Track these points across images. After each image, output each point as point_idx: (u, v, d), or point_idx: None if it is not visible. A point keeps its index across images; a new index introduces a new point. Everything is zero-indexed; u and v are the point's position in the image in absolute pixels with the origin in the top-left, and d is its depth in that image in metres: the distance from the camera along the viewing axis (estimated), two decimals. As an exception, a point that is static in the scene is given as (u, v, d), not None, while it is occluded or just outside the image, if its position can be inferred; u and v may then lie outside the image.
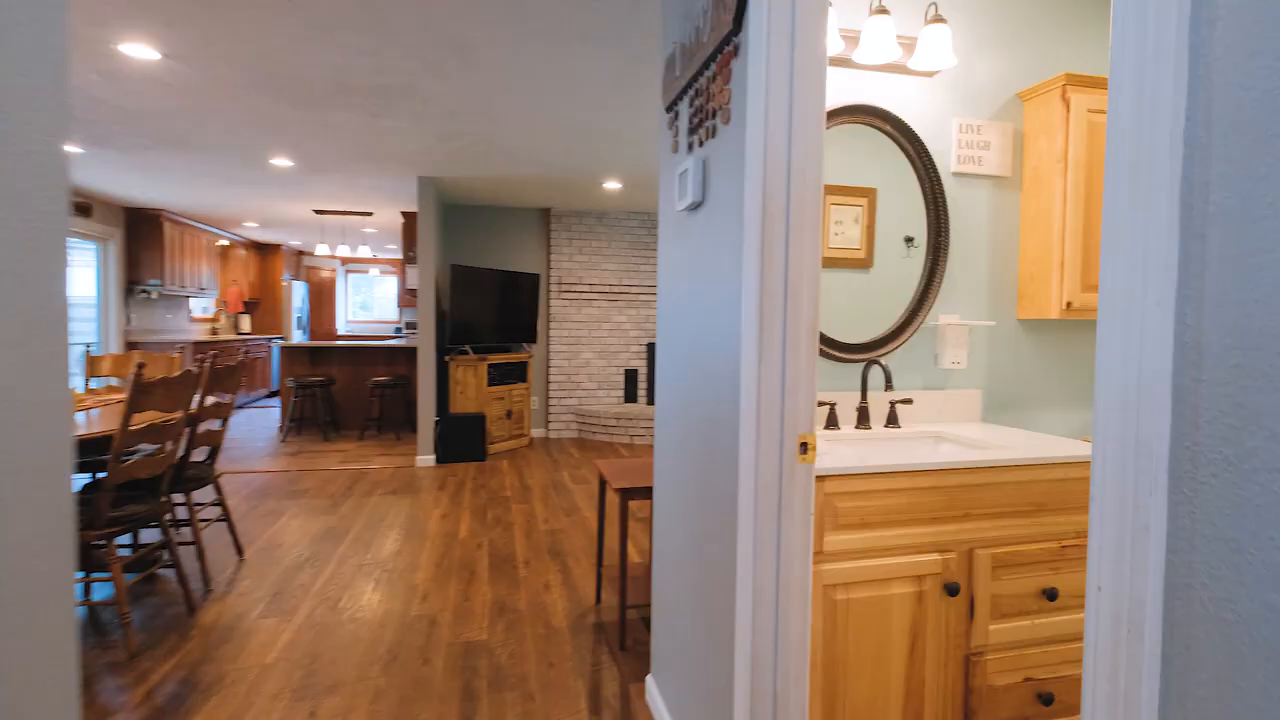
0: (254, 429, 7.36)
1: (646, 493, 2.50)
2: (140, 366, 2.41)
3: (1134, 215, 0.58)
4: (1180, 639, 0.54)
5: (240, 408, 8.90)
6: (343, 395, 7.35)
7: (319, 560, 3.45)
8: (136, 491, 2.83)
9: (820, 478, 1.54)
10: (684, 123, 1.88)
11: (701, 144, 1.72)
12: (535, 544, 3.75)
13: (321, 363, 7.31)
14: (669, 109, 2.02)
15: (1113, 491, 0.59)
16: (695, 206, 1.77)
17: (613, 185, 5.79)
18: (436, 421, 5.75)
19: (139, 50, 3.10)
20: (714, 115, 1.62)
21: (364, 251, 7.79)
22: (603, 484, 2.87)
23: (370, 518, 4.19)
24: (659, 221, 2.13)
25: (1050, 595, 1.69)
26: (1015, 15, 2.21)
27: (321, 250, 7.61)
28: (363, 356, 7.35)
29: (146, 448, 3.02)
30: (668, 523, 2.01)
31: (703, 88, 1.71)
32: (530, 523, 4.14)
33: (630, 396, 7.13)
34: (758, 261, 1.36)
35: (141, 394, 2.45)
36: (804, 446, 1.40)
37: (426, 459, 5.68)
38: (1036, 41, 2.24)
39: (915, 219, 2.15)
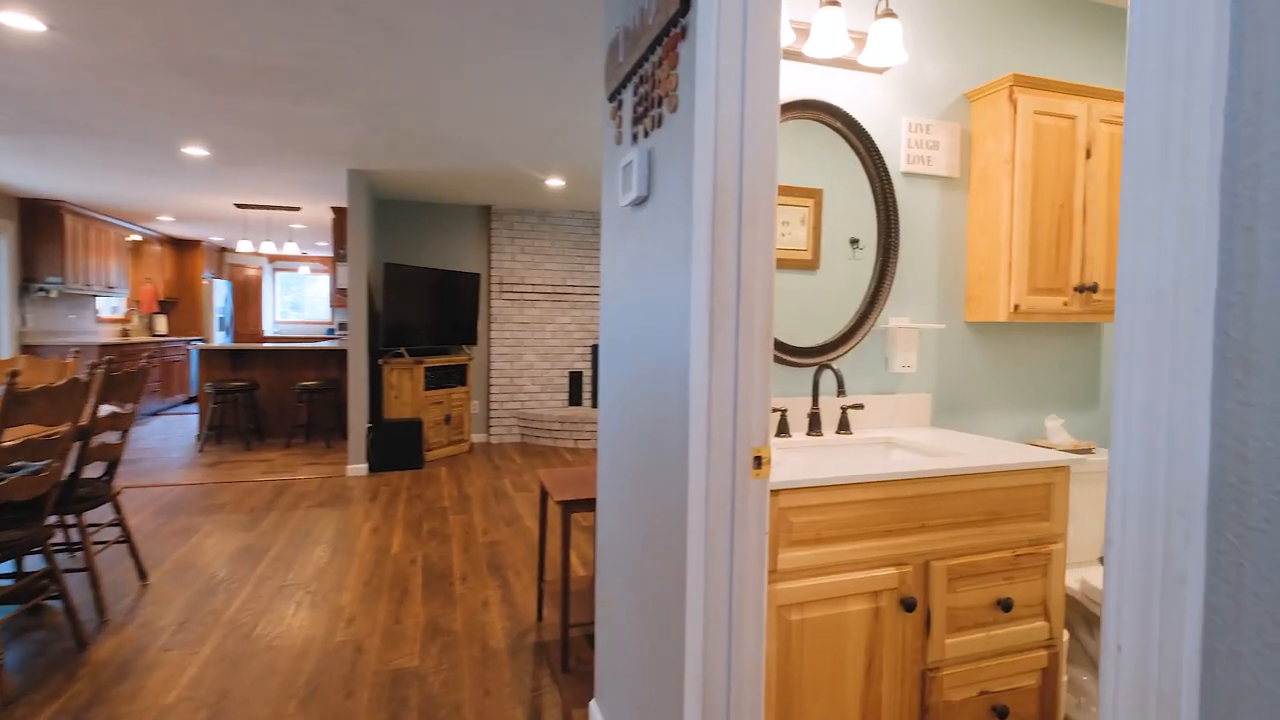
0: (169, 438, 6.86)
1: (591, 505, 2.37)
2: (13, 375, 2.12)
3: (1162, 206, 0.48)
4: (1223, 716, 0.45)
5: (154, 415, 8.30)
6: (268, 401, 6.93)
7: (233, 583, 3.17)
8: (17, 515, 2.51)
9: (774, 491, 1.45)
10: (628, 112, 1.76)
11: (647, 134, 1.61)
12: (473, 557, 3.56)
13: (244, 366, 6.87)
14: (612, 98, 1.89)
15: (1137, 534, 0.50)
16: (640, 202, 1.65)
17: (556, 182, 5.63)
18: (369, 428, 5.45)
19: (20, 20, 2.77)
20: (660, 103, 1.51)
21: (291, 249, 7.37)
22: (544, 495, 2.72)
23: (294, 533, 3.91)
24: (602, 218, 2.00)
25: (1005, 606, 1.65)
26: (963, 14, 2.19)
27: (244, 247, 7.15)
28: (289, 359, 6.95)
29: (30, 465, 2.70)
30: (611, 540, 1.88)
31: (648, 74, 1.59)
32: (469, 534, 3.94)
33: (575, 399, 6.98)
34: (708, 260, 1.25)
35: (16, 405, 2.16)
36: (758, 460, 1.29)
37: (358, 468, 5.38)
38: (984, 42, 2.22)
39: (863, 219, 2.09)
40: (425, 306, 6.03)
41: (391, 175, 5.52)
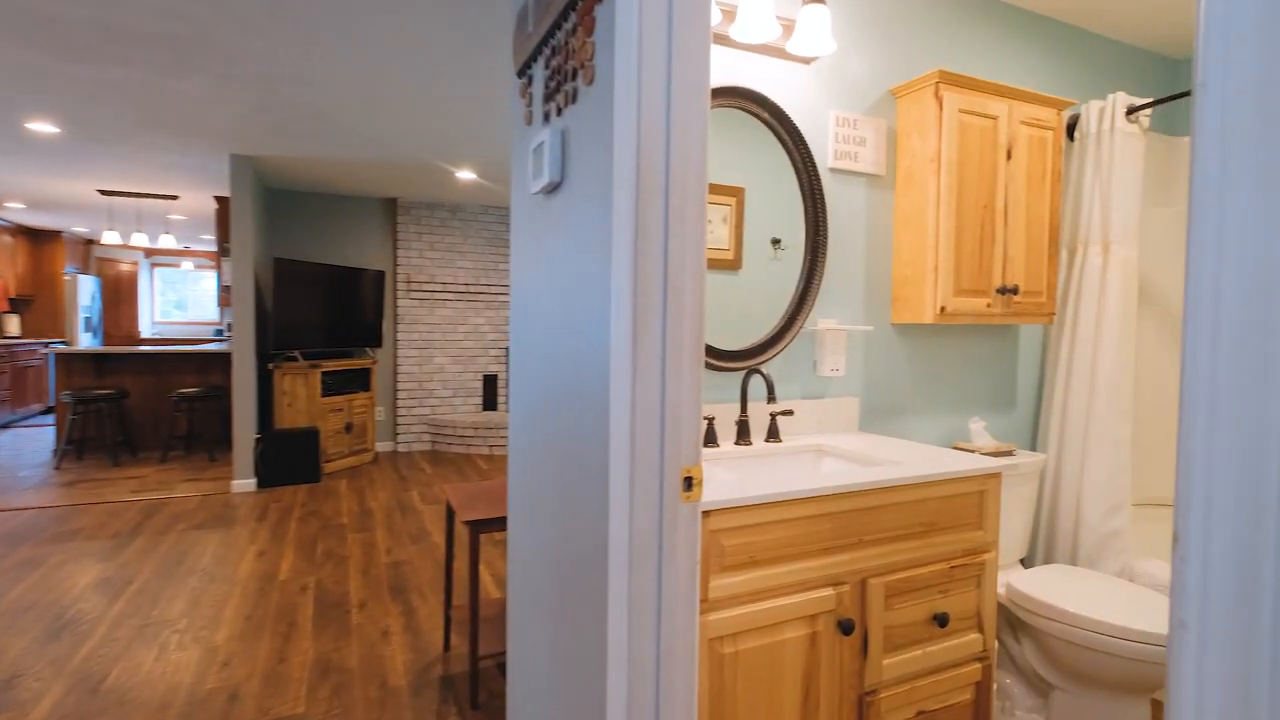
0: (20, 454, 6.03)
1: (503, 524, 2.16)
2: None
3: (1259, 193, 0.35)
4: None
5: (3, 427, 7.31)
6: (140, 410, 6.22)
7: (83, 624, 2.73)
8: None
9: (704, 513, 1.30)
10: (538, 89, 1.57)
11: (560, 112, 1.42)
12: (374, 581, 3.24)
13: (111, 372, 6.13)
14: (521, 73, 1.70)
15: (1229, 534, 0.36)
16: (553, 188, 1.46)
17: (467, 175, 5.32)
18: (258, 439, 4.96)
19: None
20: (574, 75, 1.33)
21: (167, 241, 6.66)
22: (450, 514, 2.48)
23: (164, 561, 3.45)
24: (511, 208, 1.80)
25: (941, 621, 1.58)
26: (889, 8, 2.13)
27: (112, 239, 6.40)
28: (166, 364, 6.27)
29: None
30: (523, 571, 1.69)
31: (561, 43, 1.41)
32: (369, 555, 3.61)
33: (490, 404, 6.66)
34: (630, 254, 1.08)
35: None
36: (689, 482, 1.14)
37: (245, 483, 4.89)
38: (910, 37, 2.17)
39: (788, 218, 1.99)
40: (322, 306, 5.56)
41: (282, 162, 5.05)
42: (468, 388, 6.56)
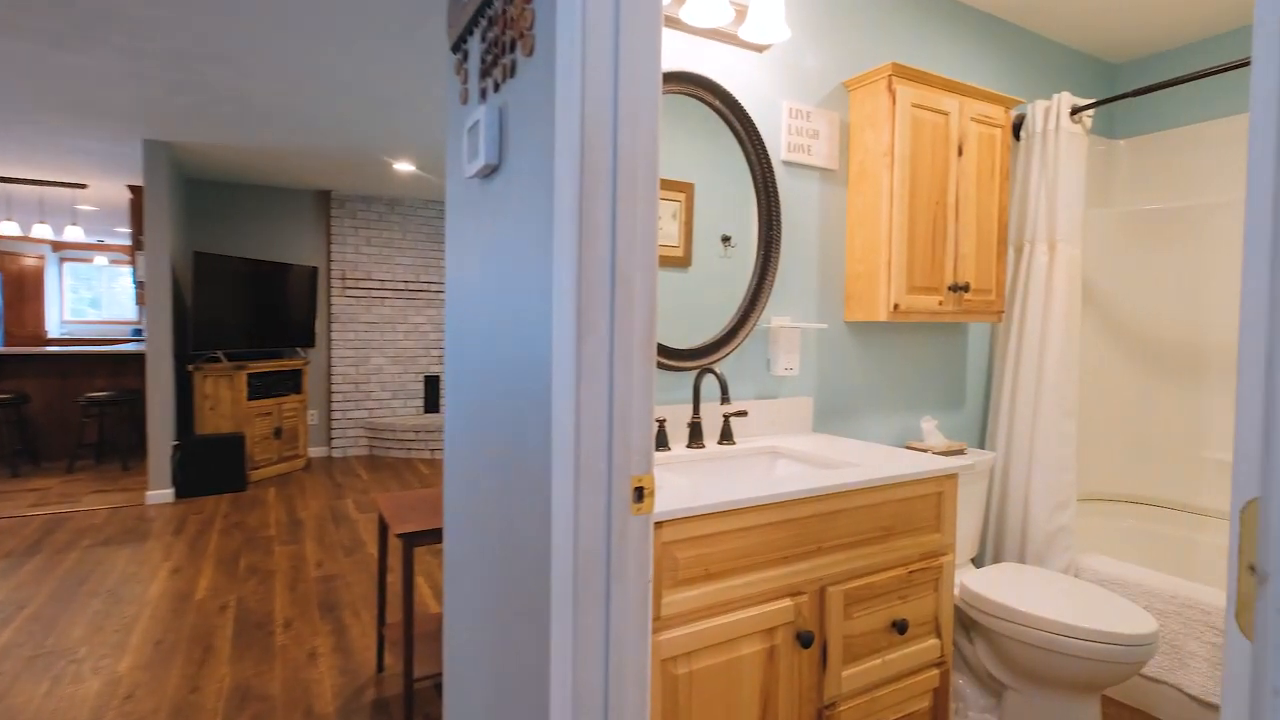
0: (-101, 466, 5.46)
1: (441, 535, 2.01)
2: None
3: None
4: None
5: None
6: (44, 416, 5.72)
7: (-38, 659, 2.44)
8: None
9: (656, 524, 1.20)
10: (474, 64, 1.44)
11: (497, 88, 1.30)
12: (302, 597, 3.03)
13: (10, 374, 5.62)
14: (456, 48, 1.56)
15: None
16: (490, 171, 1.34)
17: (405, 167, 5.09)
18: (176, 445, 4.62)
19: None
20: (512, 47, 1.21)
21: (74, 234, 6.16)
22: (383, 526, 2.31)
23: (63, 582, 3.14)
24: (446, 195, 1.67)
25: (900, 628, 1.52)
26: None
27: (9, 230, 5.87)
28: (74, 366, 5.79)
29: None
30: (460, 589, 1.55)
31: (498, 12, 1.28)
32: (298, 569, 3.38)
33: (431, 406, 6.42)
34: (574, 242, 0.97)
35: None
36: (640, 492, 1.04)
37: (162, 493, 4.54)
38: (863, 30, 2.13)
39: (740, 213, 1.92)
40: (248, 303, 5.23)
41: (203, 150, 4.71)
42: (408, 389, 6.30)
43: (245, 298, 5.20)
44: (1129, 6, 2.40)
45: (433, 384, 6.43)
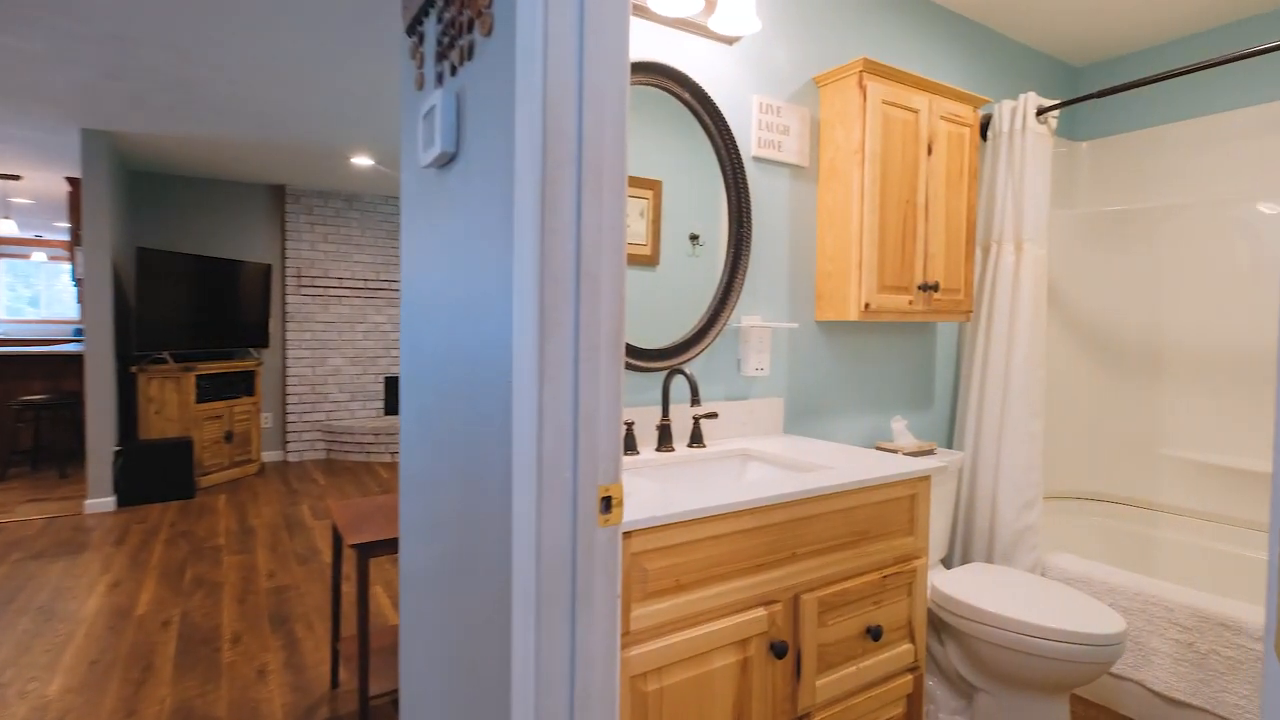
0: None
1: (396, 546, 1.91)
2: None
3: None
4: None
5: None
6: (-26, 421, 5.39)
7: None
8: None
9: (625, 534, 1.14)
10: (431, 45, 1.36)
11: (454, 71, 1.22)
12: (252, 610, 2.88)
13: (-65, 377, 5.28)
14: (411, 30, 1.47)
15: None
16: (447, 161, 1.26)
17: (364, 161, 4.93)
18: (118, 451, 4.38)
19: None
20: (470, 27, 1.14)
21: (8, 228, 5.82)
22: (337, 536, 2.20)
23: (-11, 601, 2.94)
24: (401, 186, 1.58)
25: (875, 634, 1.49)
26: (810, -9, 2.05)
27: (-66, 222, 5.51)
28: (6, 368, 5.47)
29: None
30: (418, 603, 1.47)
31: (455, -10, 1.20)
32: (248, 580, 3.22)
33: (391, 408, 6.24)
34: (536, 235, 0.90)
35: None
36: (607, 502, 0.97)
37: (102, 502, 4.30)
38: (832, 25, 2.10)
39: (708, 210, 1.87)
40: (196, 302, 5.00)
41: (147, 140, 4.49)
42: (367, 391, 6.12)
43: (193, 296, 4.98)
44: (1090, 9, 2.43)
45: (393, 386, 6.25)
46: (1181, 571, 2.48)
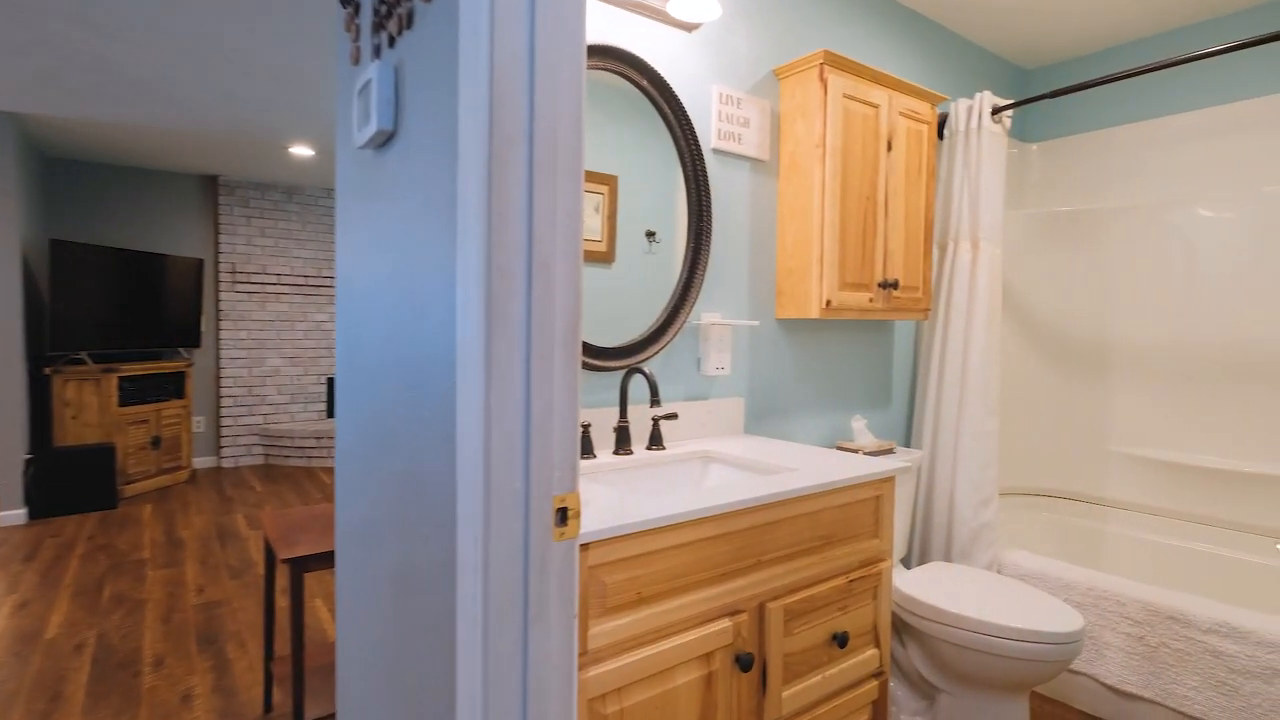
0: None
1: (334, 559, 1.78)
2: None
3: None
4: None
5: None
6: None
7: None
8: None
9: (582, 546, 1.05)
10: (367, 15, 1.24)
11: (392, 42, 1.11)
12: (178, 629, 2.68)
13: None
14: (346, 1, 1.35)
15: None
16: (385, 140, 1.15)
17: (304, 151, 4.69)
18: (29, 460, 4.05)
19: None
20: (411, -8, 1.03)
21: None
22: (269, 549, 2.04)
23: (-127, 628, 2.65)
24: (336, 170, 1.45)
25: (841, 641, 1.44)
26: (770, -20, 2.00)
27: None
28: (-98, 369, 5.00)
29: None
30: (355, 625, 1.35)
31: (393, -47, 1.10)
32: (175, 596, 3.00)
33: (334, 411, 5.97)
34: (482, 219, 0.81)
35: None
36: (563, 514, 0.89)
37: (11, 514, 3.97)
38: (793, 17, 2.06)
39: (665, 206, 1.80)
40: (118, 299, 4.68)
41: (64, 125, 4.16)
42: (308, 392, 5.85)
43: (114, 292, 4.65)
44: (1040, 10, 2.45)
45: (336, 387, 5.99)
46: (1130, 566, 2.54)
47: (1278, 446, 2.27)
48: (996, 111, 2.29)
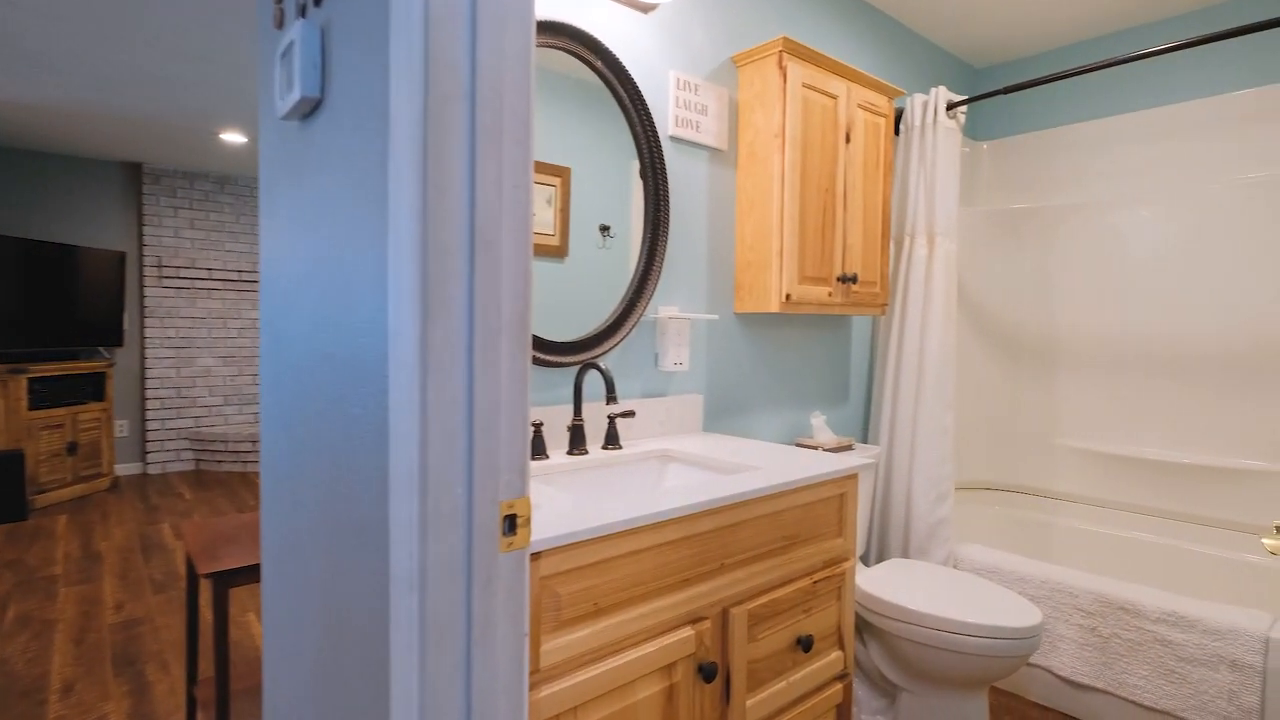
0: None
1: (258, 573, 1.63)
2: None
3: None
4: None
5: None
6: None
7: None
8: None
9: (533, 555, 0.97)
10: (292, -28, 1.12)
11: (318, 1, 1.00)
12: (92, 651, 2.46)
13: None
14: (269, -43, 1.23)
15: None
16: (311, 110, 1.03)
17: (236, 138, 4.43)
18: (-76, 470, 3.70)
19: None
20: (338, -59, 0.92)
21: None
22: (190, 563, 1.88)
23: None
24: (259, 145, 1.32)
25: (806, 645, 1.39)
26: (728, -36, 1.94)
27: None
28: None
29: None
30: (282, 645, 1.22)
31: (318, -101, 0.98)
32: (90, 615, 2.77)
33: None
34: (417, 193, 0.71)
35: None
36: (511, 521, 0.80)
37: (-97, 531, 3.61)
38: (752, 2, 2.00)
39: (621, 198, 1.72)
40: (27, 294, 4.33)
41: (-39, 101, 3.81)
42: (243, 394, 5.54)
43: (21, 287, 4.30)
44: (991, 7, 2.47)
45: (276, 387, 5.70)
46: (1080, 558, 2.59)
47: (1214, 438, 2.34)
48: (951, 107, 2.29)
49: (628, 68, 1.69)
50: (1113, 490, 2.55)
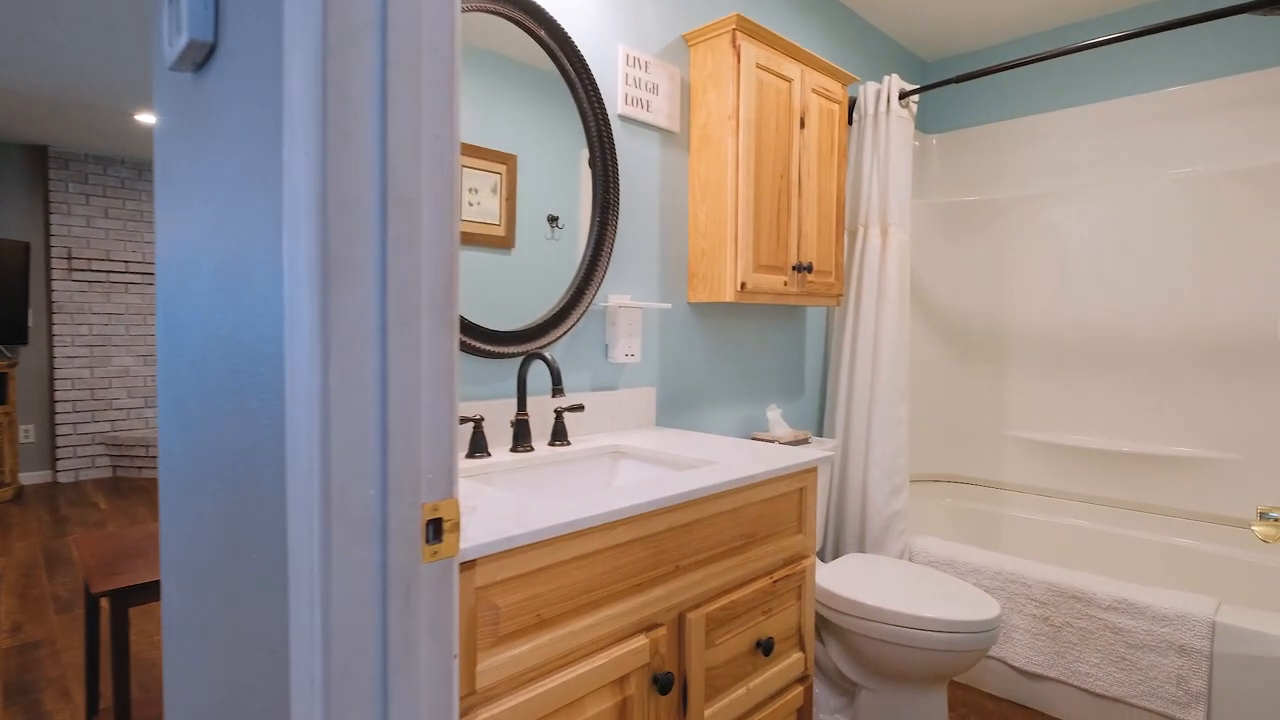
0: None
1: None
2: None
3: None
4: None
5: None
6: None
7: None
8: None
9: (466, 564, 0.86)
10: (183, -98, 0.98)
11: (212, -71, 0.86)
12: (-20, 682, 2.21)
13: None
14: (160, -111, 1.07)
15: None
16: (204, 58, 0.90)
17: (152, 120, 4.11)
18: None
19: None
20: None
21: None
22: (86, 582, 1.68)
23: None
24: (154, 104, 1.17)
25: (766, 648, 1.32)
26: (679, -63, 1.85)
27: None
28: None
29: None
30: (182, 672, 1.08)
31: None
32: (-20, 641, 2.49)
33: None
34: (315, 138, 0.60)
35: None
36: (437, 526, 0.69)
37: None
38: (701, -25, 1.92)
39: (570, 179, 1.62)
40: (-84, 286, 3.93)
41: None
42: (167, 395, 5.18)
43: (-92, 278, 3.90)
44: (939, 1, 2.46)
45: (203, 388, 5.35)
46: (1030, 547, 2.61)
47: (1152, 427, 2.39)
48: (904, 95, 2.27)
49: (574, 39, 1.59)
50: (1058, 480, 2.59)
